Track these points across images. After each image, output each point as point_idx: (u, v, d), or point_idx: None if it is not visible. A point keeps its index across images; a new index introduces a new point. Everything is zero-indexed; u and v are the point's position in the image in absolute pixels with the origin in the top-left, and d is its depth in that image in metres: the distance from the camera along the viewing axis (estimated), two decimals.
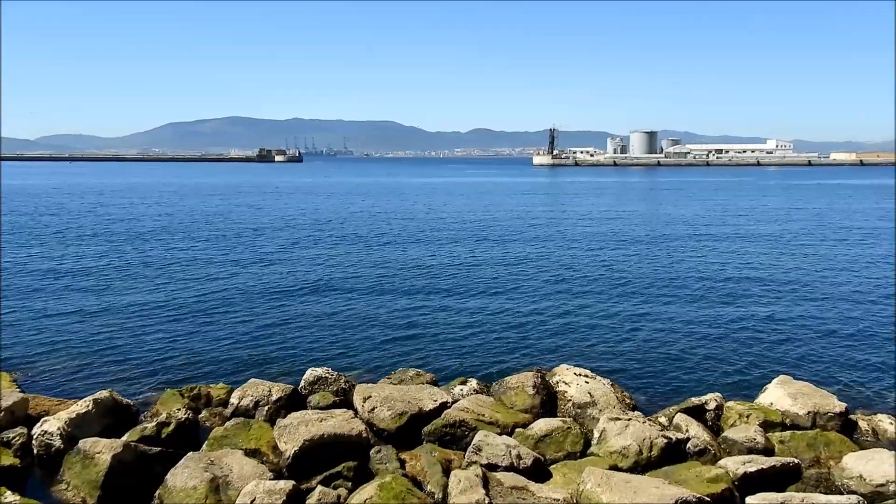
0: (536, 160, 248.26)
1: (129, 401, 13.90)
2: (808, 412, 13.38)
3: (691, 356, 18.33)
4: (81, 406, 12.68)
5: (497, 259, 34.05)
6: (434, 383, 15.28)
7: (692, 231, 46.57)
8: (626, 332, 20.55)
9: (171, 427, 12.55)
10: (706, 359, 18.13)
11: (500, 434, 12.21)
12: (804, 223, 51.69)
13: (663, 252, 36.50)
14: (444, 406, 13.35)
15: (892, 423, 13.46)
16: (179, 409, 13.20)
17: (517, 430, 12.71)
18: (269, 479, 10.44)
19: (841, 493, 10.60)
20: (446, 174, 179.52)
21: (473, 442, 11.71)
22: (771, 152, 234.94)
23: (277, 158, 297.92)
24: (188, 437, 12.68)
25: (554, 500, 10.06)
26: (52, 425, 12.15)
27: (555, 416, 13.71)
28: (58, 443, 11.92)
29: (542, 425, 12.58)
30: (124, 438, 11.94)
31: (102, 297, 24.78)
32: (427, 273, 30.07)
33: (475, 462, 11.20)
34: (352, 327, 20.97)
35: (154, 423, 12.59)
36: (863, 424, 13.51)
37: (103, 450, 11.04)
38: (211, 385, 15.11)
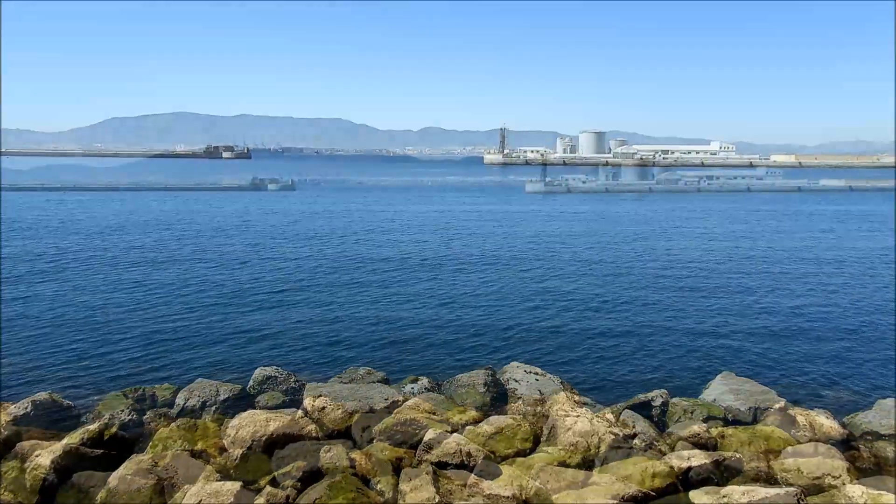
0: (487, 158, 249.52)
1: (71, 402, 13.52)
2: (750, 408, 13.78)
3: (638, 354, 18.67)
4: (19, 408, 12.30)
5: (450, 261, 34.10)
6: (385, 382, 15.24)
7: (638, 234, 47.38)
8: (576, 332, 20.81)
9: (114, 428, 12.25)
10: (652, 357, 18.49)
11: (450, 432, 12.23)
12: (746, 226, 53.02)
13: (611, 256, 37.11)
14: (394, 404, 13.34)
15: (827, 419, 13.93)
16: (123, 411, 12.90)
17: (468, 427, 12.74)
18: (216, 481, 10.28)
19: (780, 486, 10.92)
20: (394, 174, 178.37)
21: (424, 440, 11.71)
22: (715, 153, 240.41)
23: (225, 155, 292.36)
24: (132, 438, 12.39)
25: (503, 496, 10.13)
26: None
27: (505, 413, 13.80)
28: None
29: (492, 423, 12.65)
30: (65, 441, 11.60)
31: (43, 299, 24.02)
32: (377, 275, 29.96)
33: (426, 460, 11.21)
34: (302, 327, 20.76)
35: (96, 425, 12.26)
36: (800, 419, 13.93)
37: (42, 453, 10.71)
38: (156, 386, 14.80)
